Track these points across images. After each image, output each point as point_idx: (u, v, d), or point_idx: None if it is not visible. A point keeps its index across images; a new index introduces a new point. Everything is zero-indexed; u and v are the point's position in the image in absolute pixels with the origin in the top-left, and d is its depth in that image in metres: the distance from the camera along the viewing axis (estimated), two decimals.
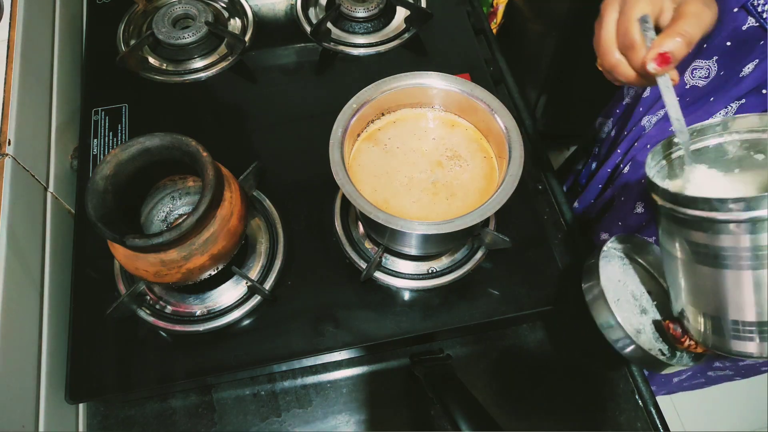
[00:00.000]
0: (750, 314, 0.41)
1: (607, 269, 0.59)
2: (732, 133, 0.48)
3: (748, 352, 0.42)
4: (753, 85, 0.60)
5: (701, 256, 0.42)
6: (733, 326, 0.42)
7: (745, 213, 0.38)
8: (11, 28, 0.70)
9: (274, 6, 0.91)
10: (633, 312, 0.57)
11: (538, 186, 0.78)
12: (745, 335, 0.42)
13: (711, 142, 0.49)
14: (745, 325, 0.41)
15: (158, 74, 0.83)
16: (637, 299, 0.58)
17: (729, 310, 0.42)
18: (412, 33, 0.87)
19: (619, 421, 0.65)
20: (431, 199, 0.58)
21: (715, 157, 0.49)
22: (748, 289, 0.40)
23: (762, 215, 0.38)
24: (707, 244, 0.41)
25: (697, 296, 0.45)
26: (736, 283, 0.41)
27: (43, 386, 0.60)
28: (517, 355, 0.69)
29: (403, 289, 0.66)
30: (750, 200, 0.38)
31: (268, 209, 0.71)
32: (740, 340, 0.42)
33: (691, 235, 0.42)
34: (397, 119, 0.62)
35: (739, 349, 0.42)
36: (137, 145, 0.55)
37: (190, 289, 0.65)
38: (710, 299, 0.43)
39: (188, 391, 0.66)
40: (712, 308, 0.43)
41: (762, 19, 0.57)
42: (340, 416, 0.65)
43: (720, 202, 0.39)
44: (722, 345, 0.44)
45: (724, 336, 0.43)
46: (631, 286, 0.59)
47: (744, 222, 0.39)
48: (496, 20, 1.55)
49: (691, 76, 0.68)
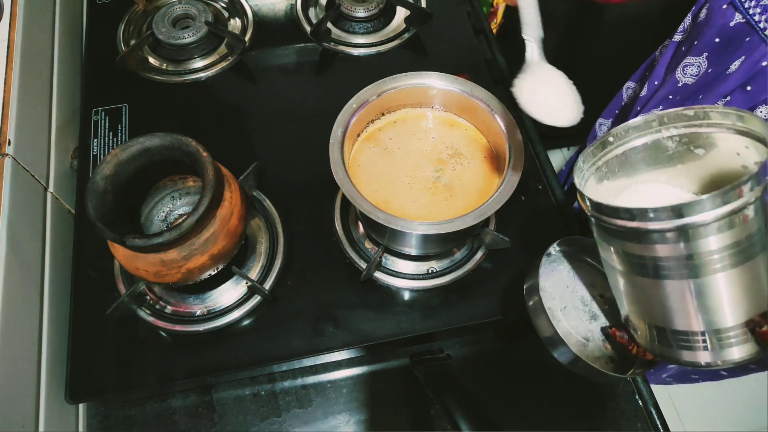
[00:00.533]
0: (697, 324, 0.39)
1: (555, 274, 0.56)
2: (669, 128, 0.45)
3: (699, 362, 0.40)
4: (739, 82, 0.60)
5: (638, 267, 0.40)
6: (680, 336, 0.40)
7: (670, 222, 0.36)
8: (11, 28, 0.70)
9: (274, 6, 0.91)
10: (582, 319, 0.54)
11: (538, 186, 0.78)
12: (694, 345, 0.39)
13: (649, 138, 0.46)
14: (693, 335, 0.39)
15: (158, 74, 0.83)
16: (586, 305, 0.55)
17: (675, 321, 0.40)
18: (412, 33, 0.87)
19: (619, 421, 0.65)
20: (431, 199, 0.58)
21: (656, 155, 0.47)
22: (692, 298, 0.38)
23: (692, 222, 0.35)
24: (642, 255, 0.39)
25: (640, 307, 0.43)
26: (679, 293, 0.38)
27: (43, 386, 0.60)
28: (517, 355, 0.69)
29: (403, 289, 0.66)
30: (674, 208, 0.35)
31: (268, 209, 0.71)
32: (690, 351, 0.40)
33: (624, 245, 0.40)
34: (397, 119, 0.62)
35: (690, 359, 0.40)
36: (137, 145, 0.55)
37: (190, 289, 0.65)
38: (654, 310, 0.41)
39: (188, 391, 0.66)
40: (658, 319, 0.41)
41: (749, 15, 0.58)
42: (340, 416, 0.65)
43: (641, 212, 0.37)
44: (671, 355, 0.42)
45: (672, 346, 0.41)
46: (580, 291, 0.56)
47: (673, 231, 0.36)
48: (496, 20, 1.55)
49: (683, 74, 0.68)
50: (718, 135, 0.43)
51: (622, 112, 0.89)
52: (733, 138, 0.42)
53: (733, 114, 0.41)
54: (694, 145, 0.45)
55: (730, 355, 0.38)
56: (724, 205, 0.35)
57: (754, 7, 0.57)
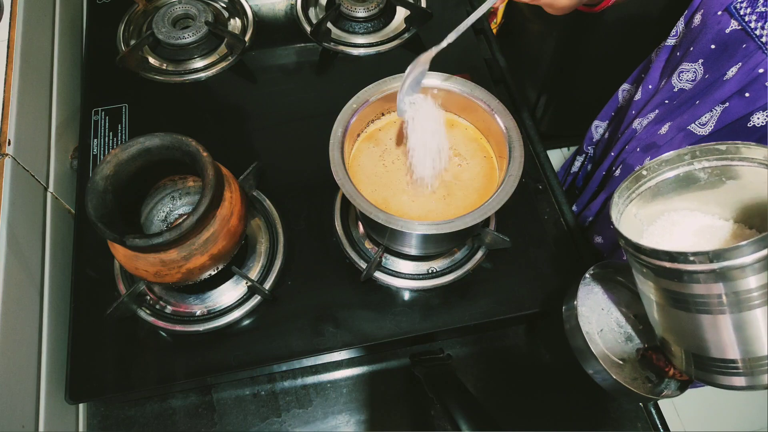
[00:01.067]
0: (732, 353, 0.40)
1: (590, 297, 0.57)
2: (701, 161, 0.47)
3: (735, 386, 0.41)
4: (736, 88, 0.60)
5: (675, 302, 0.41)
6: (716, 363, 0.41)
7: (710, 265, 0.37)
8: (11, 28, 0.70)
9: (274, 6, 0.91)
10: (617, 341, 0.55)
11: (538, 186, 0.78)
12: (729, 371, 0.40)
13: (681, 170, 0.48)
14: (728, 363, 0.40)
15: (158, 74, 0.83)
16: (621, 327, 0.56)
17: (710, 350, 0.41)
18: (412, 33, 0.87)
19: (619, 421, 0.65)
20: (431, 199, 0.58)
21: (688, 185, 0.48)
22: (728, 331, 0.39)
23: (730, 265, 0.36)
24: (679, 291, 0.40)
25: (677, 335, 0.44)
26: (715, 326, 0.39)
27: (43, 386, 0.60)
28: (517, 355, 0.68)
29: (403, 289, 0.66)
30: (712, 253, 0.36)
31: (268, 209, 0.71)
32: (725, 376, 0.41)
33: (662, 282, 0.41)
34: (397, 119, 0.62)
35: (726, 383, 0.41)
36: (137, 145, 0.55)
37: (190, 289, 0.65)
38: (690, 340, 0.42)
39: (188, 391, 0.66)
40: (693, 347, 0.42)
41: (744, 23, 0.57)
42: (340, 416, 0.65)
43: (681, 255, 0.37)
44: (707, 379, 0.43)
45: (708, 372, 0.42)
46: (615, 313, 0.57)
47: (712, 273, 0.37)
48: (496, 20, 1.55)
49: (679, 79, 0.68)
50: (750, 168, 0.44)
51: (618, 114, 0.89)
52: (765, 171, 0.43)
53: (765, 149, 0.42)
54: (725, 177, 0.47)
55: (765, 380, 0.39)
56: (763, 249, 0.35)
57: (749, 14, 0.57)
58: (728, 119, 0.63)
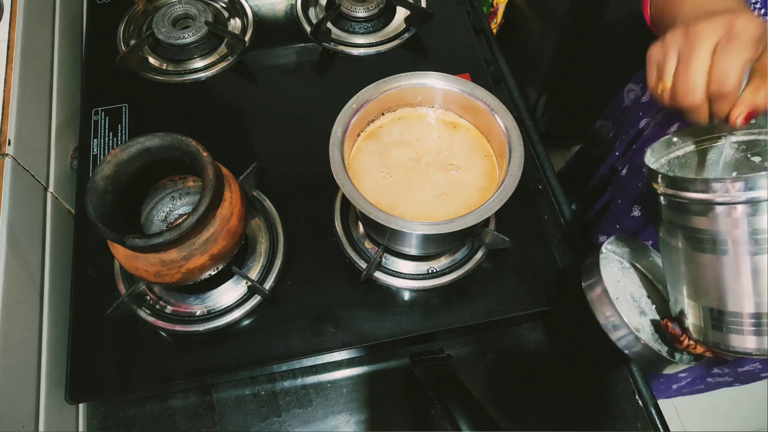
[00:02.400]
0: (749, 305, 0.41)
1: (606, 270, 0.58)
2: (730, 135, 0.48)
3: (747, 348, 0.42)
4: None
5: (701, 243, 0.43)
6: (732, 319, 0.42)
7: (743, 193, 0.38)
8: (11, 28, 0.70)
9: (274, 6, 0.91)
10: (632, 312, 0.57)
11: (538, 186, 0.78)
12: (744, 328, 0.42)
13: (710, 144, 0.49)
14: (743, 317, 0.41)
15: (158, 74, 0.83)
16: (636, 300, 0.58)
17: (728, 302, 0.42)
18: (412, 33, 0.87)
19: (619, 421, 0.65)
20: (431, 198, 0.58)
21: (714, 159, 0.49)
22: (746, 276, 0.40)
23: (760, 196, 0.38)
24: (706, 229, 0.41)
25: (696, 288, 0.45)
26: (735, 270, 0.41)
27: (43, 386, 0.60)
28: (517, 355, 0.68)
29: (403, 289, 0.66)
30: (748, 179, 0.38)
31: (268, 209, 0.71)
32: (739, 335, 0.42)
33: (690, 220, 0.43)
34: (397, 119, 0.62)
35: (738, 345, 0.43)
36: (137, 145, 0.55)
37: (190, 289, 0.65)
38: (710, 290, 0.43)
39: (188, 391, 0.66)
40: (713, 300, 0.43)
41: None
42: (340, 416, 0.65)
43: (718, 182, 0.39)
44: (721, 341, 0.44)
45: (722, 331, 0.43)
46: (630, 287, 0.59)
47: (742, 203, 0.39)
48: (496, 20, 1.56)
49: None
50: None
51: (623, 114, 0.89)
52: None
53: None
54: (752, 152, 0.47)
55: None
56: None
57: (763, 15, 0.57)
58: None
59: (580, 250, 0.74)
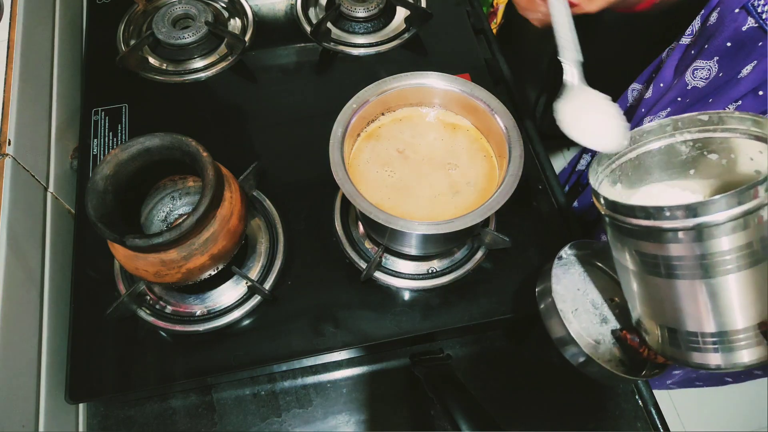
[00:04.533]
0: (708, 325, 0.39)
1: (566, 277, 0.56)
2: (683, 133, 0.46)
3: (709, 364, 0.40)
4: (750, 87, 0.60)
5: (651, 267, 0.40)
6: (691, 338, 0.40)
7: (684, 221, 0.36)
8: (11, 28, 0.70)
9: (274, 6, 0.91)
10: (592, 322, 0.54)
11: (538, 186, 0.78)
12: (705, 347, 0.39)
13: (663, 142, 0.47)
14: (704, 336, 0.39)
15: (158, 74, 0.83)
16: (597, 308, 0.55)
17: (686, 322, 0.40)
18: (412, 33, 0.87)
19: (619, 421, 0.65)
20: (431, 198, 0.58)
21: (669, 159, 0.47)
22: (704, 299, 0.38)
23: (707, 221, 0.35)
24: (655, 254, 0.39)
25: (652, 308, 0.43)
26: (691, 293, 0.38)
27: (43, 386, 0.60)
28: (517, 355, 0.68)
29: (403, 289, 0.66)
30: (689, 207, 0.35)
31: (268, 209, 0.71)
32: (700, 352, 0.40)
33: (638, 245, 0.40)
34: (397, 119, 0.62)
35: (700, 362, 0.40)
36: (137, 145, 0.55)
37: (190, 289, 0.65)
38: (666, 311, 0.41)
39: (188, 391, 0.66)
40: (669, 320, 0.41)
41: (762, 20, 0.57)
42: (340, 416, 0.65)
43: (657, 210, 0.37)
44: (681, 357, 0.41)
45: (682, 348, 0.41)
46: (591, 294, 0.56)
47: (687, 230, 0.36)
48: (496, 20, 1.55)
49: (693, 77, 0.68)
50: (732, 140, 0.43)
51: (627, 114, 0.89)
52: (748, 143, 0.42)
53: (748, 119, 0.41)
54: (707, 150, 0.46)
55: (740, 358, 0.38)
56: (739, 205, 0.35)
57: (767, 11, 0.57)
58: None
59: None
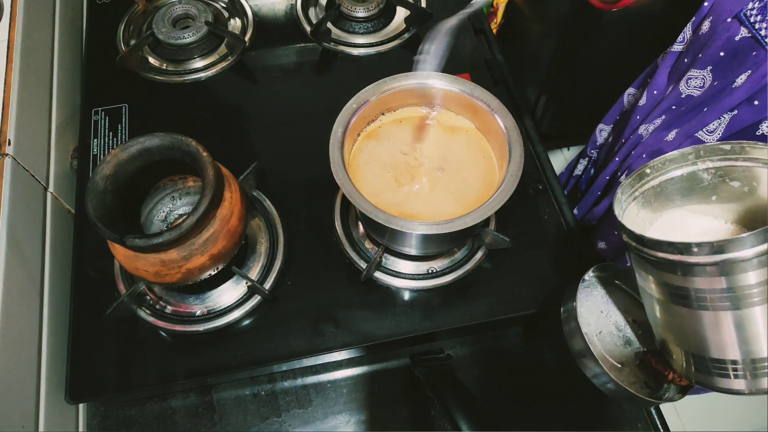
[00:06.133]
0: (733, 353, 0.39)
1: (589, 300, 0.57)
2: (705, 161, 0.47)
3: (735, 389, 0.40)
4: (745, 96, 0.60)
5: (677, 297, 0.41)
6: (716, 365, 0.40)
7: (712, 257, 0.37)
8: (11, 28, 0.70)
9: (274, 6, 0.91)
10: (616, 344, 0.54)
11: (538, 186, 0.78)
12: (729, 373, 0.40)
13: (685, 170, 0.48)
14: (728, 364, 0.40)
15: (158, 74, 0.83)
16: (620, 330, 0.55)
17: (710, 350, 0.40)
18: (412, 33, 0.87)
19: (619, 421, 0.65)
20: (431, 198, 0.58)
21: (691, 186, 0.48)
22: (729, 329, 0.39)
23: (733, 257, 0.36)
24: (681, 286, 0.40)
25: (677, 335, 0.44)
26: (716, 324, 0.39)
27: (43, 386, 0.60)
28: (517, 355, 0.68)
29: (403, 289, 0.66)
30: (716, 244, 0.36)
31: (268, 209, 0.71)
32: (725, 378, 0.40)
33: (664, 276, 0.41)
34: (397, 119, 0.62)
35: (725, 386, 0.41)
36: (137, 145, 0.55)
37: (190, 289, 0.65)
38: (690, 339, 0.42)
39: (188, 391, 0.66)
40: (693, 347, 0.42)
41: (755, 30, 0.57)
42: (340, 416, 0.65)
43: (685, 246, 0.37)
44: (707, 382, 0.42)
45: (708, 374, 0.42)
46: (615, 316, 0.56)
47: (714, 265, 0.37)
48: (496, 20, 1.56)
49: (687, 86, 0.68)
50: (754, 168, 0.44)
51: (623, 118, 0.89)
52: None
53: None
54: (729, 178, 0.46)
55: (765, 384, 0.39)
56: (764, 242, 0.35)
57: (760, 21, 0.57)
58: (737, 127, 0.62)
59: (580, 251, 0.74)
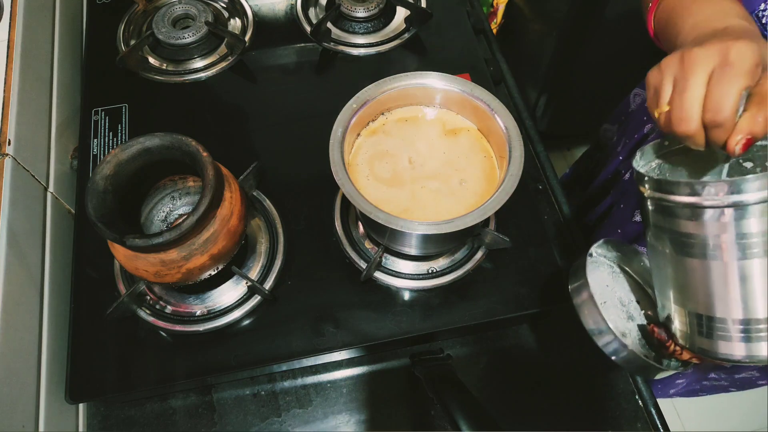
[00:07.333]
0: (736, 311, 0.40)
1: (595, 273, 0.58)
2: None
3: (734, 355, 0.41)
4: None
5: (688, 248, 0.42)
6: (719, 325, 0.41)
7: (730, 197, 0.38)
8: (11, 28, 0.70)
9: (274, 6, 0.91)
10: (620, 317, 0.55)
11: (538, 186, 0.78)
12: (731, 335, 0.41)
13: None
14: (731, 323, 0.41)
15: (158, 74, 0.83)
16: (624, 305, 0.57)
17: (715, 307, 0.41)
18: (412, 33, 0.87)
19: (619, 421, 0.65)
20: (431, 198, 0.58)
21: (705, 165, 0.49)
22: (734, 282, 0.40)
23: (748, 199, 0.37)
24: (693, 233, 0.41)
25: (683, 293, 0.44)
26: (723, 275, 0.40)
27: (43, 386, 0.60)
28: (517, 355, 0.69)
29: (403, 289, 0.66)
30: (734, 182, 0.37)
31: (268, 209, 0.71)
32: (726, 341, 0.41)
33: (678, 224, 0.42)
34: (398, 119, 0.62)
35: (726, 351, 0.41)
36: (137, 145, 0.55)
37: (190, 289, 0.65)
38: (697, 295, 0.43)
39: (188, 391, 0.66)
40: (699, 305, 0.43)
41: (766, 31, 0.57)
42: (340, 416, 0.65)
43: (701, 186, 0.39)
44: (708, 347, 0.43)
45: (710, 337, 0.42)
46: (619, 292, 0.57)
47: (727, 207, 0.38)
48: (496, 20, 1.56)
49: None
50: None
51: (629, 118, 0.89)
52: None
53: None
54: (743, 158, 0.47)
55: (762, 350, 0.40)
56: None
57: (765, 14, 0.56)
58: None
59: (579, 250, 0.74)
